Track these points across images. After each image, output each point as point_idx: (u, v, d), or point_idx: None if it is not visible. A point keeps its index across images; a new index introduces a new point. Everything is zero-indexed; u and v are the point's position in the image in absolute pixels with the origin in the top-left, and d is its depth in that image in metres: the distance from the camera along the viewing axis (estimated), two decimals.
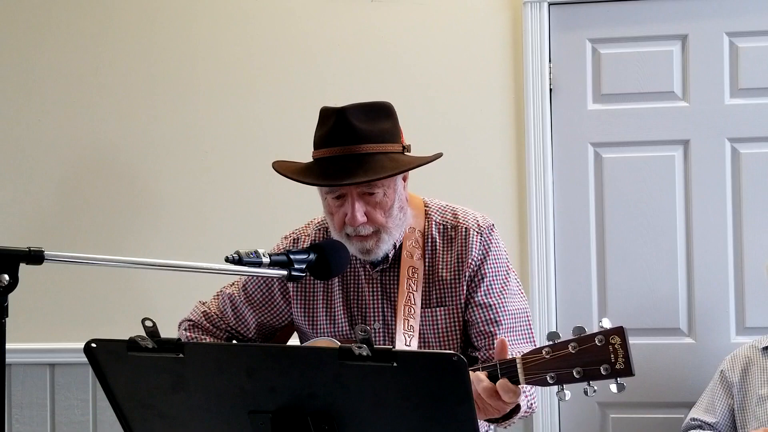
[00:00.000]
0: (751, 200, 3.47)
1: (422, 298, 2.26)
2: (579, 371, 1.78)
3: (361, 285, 2.31)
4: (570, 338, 1.80)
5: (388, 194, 2.20)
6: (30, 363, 3.70)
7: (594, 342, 1.77)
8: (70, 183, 3.75)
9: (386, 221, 2.21)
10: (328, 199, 2.24)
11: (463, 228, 2.28)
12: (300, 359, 1.65)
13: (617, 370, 1.76)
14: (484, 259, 2.27)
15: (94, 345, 1.71)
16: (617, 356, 1.76)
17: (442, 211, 2.33)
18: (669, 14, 3.50)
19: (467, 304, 2.27)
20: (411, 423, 1.60)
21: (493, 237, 2.30)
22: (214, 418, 1.71)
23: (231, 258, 1.88)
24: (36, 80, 3.77)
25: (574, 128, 3.54)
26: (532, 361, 1.84)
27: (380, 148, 2.18)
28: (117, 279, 3.67)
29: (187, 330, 2.43)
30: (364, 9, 3.61)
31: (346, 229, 2.21)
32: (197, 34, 3.71)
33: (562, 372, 1.79)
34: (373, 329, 2.27)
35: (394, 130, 2.25)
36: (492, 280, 2.27)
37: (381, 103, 2.27)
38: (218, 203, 3.67)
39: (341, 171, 2.15)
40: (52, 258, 1.63)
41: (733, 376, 3.09)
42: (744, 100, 3.47)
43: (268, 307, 2.40)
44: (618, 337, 1.76)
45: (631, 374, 1.76)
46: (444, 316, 2.26)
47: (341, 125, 2.18)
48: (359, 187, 2.17)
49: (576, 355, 1.78)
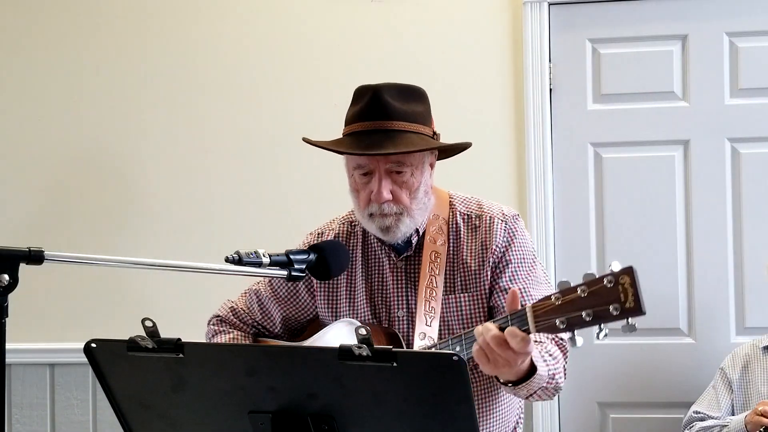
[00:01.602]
0: (751, 200, 3.47)
1: (446, 283, 2.26)
2: (589, 313, 1.75)
3: (384, 274, 2.32)
4: (579, 283, 1.77)
5: (416, 175, 2.22)
6: (30, 363, 3.70)
7: (603, 284, 1.74)
8: (66, 183, 3.74)
9: (410, 203, 2.22)
10: (355, 175, 2.25)
11: (488, 216, 2.30)
12: (300, 359, 1.65)
13: (627, 309, 1.72)
14: (508, 245, 2.27)
15: (94, 345, 1.71)
16: (627, 295, 1.71)
17: (467, 202, 2.35)
18: (669, 14, 3.50)
19: (492, 290, 2.26)
20: (411, 423, 1.60)
21: (518, 225, 2.31)
22: (214, 418, 1.71)
23: (231, 258, 1.88)
24: (32, 80, 3.77)
25: (574, 128, 3.55)
26: (541, 308, 1.81)
27: (411, 127, 2.21)
28: (117, 279, 3.67)
29: (215, 324, 2.45)
30: (364, 9, 3.61)
31: (370, 207, 2.22)
32: (195, 34, 3.70)
33: (572, 316, 1.76)
34: (397, 317, 2.28)
35: (426, 114, 2.27)
36: (517, 267, 2.27)
37: (416, 87, 2.29)
38: (216, 203, 3.67)
39: (371, 144, 2.17)
40: (52, 258, 1.63)
41: (733, 373, 3.10)
42: (744, 100, 3.48)
43: (293, 301, 2.41)
44: (627, 277, 1.72)
45: (642, 313, 1.71)
46: (468, 302, 2.26)
47: (375, 102, 2.20)
48: (387, 163, 2.19)
49: (586, 298, 1.75)
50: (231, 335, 2.42)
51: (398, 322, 2.28)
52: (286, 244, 2.21)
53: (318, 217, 3.32)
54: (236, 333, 2.43)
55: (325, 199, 3.44)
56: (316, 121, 3.61)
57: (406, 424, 1.60)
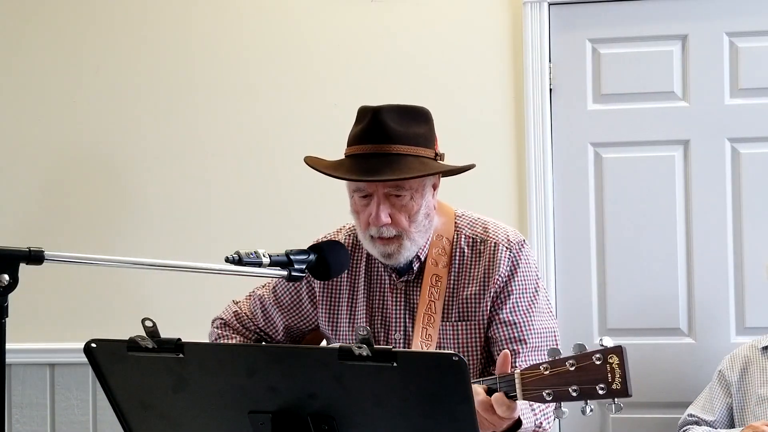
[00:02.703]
0: (751, 200, 3.47)
1: (445, 310, 2.24)
2: (576, 389, 1.77)
3: (385, 294, 2.30)
4: (569, 356, 1.79)
5: (415, 199, 2.19)
6: (30, 363, 3.70)
7: (592, 360, 1.76)
8: (66, 183, 3.74)
9: (409, 226, 2.19)
10: (354, 197, 2.23)
11: (493, 243, 2.25)
12: (300, 359, 1.64)
13: (613, 390, 1.74)
14: (511, 275, 2.23)
15: (94, 345, 1.71)
16: (614, 376, 1.74)
17: (473, 225, 2.31)
18: (669, 14, 3.50)
19: (491, 320, 2.23)
20: (411, 423, 1.60)
21: (523, 253, 2.26)
22: (214, 418, 1.71)
23: (231, 258, 1.88)
24: (31, 80, 3.76)
25: (574, 128, 3.55)
26: (530, 377, 1.82)
27: (412, 150, 2.17)
28: (117, 279, 3.67)
29: (218, 328, 2.45)
30: (364, 9, 3.61)
31: (370, 230, 2.20)
32: (194, 34, 3.70)
33: (559, 389, 1.78)
34: (394, 339, 2.27)
35: (428, 135, 2.23)
36: (519, 298, 2.23)
37: (418, 107, 2.26)
38: (216, 203, 3.67)
39: (369, 168, 2.15)
40: (52, 258, 1.63)
41: (732, 375, 3.09)
42: (744, 100, 3.47)
43: (295, 310, 2.41)
44: (616, 356, 1.74)
45: (628, 395, 1.74)
46: (465, 332, 2.24)
47: (375, 124, 2.17)
48: (386, 187, 2.16)
49: (574, 372, 1.77)
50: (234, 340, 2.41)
51: (395, 344, 2.26)
52: (286, 245, 2.21)
53: (318, 217, 3.34)
54: (239, 339, 2.42)
55: (324, 199, 3.44)
56: (316, 121, 3.61)
57: (406, 424, 1.60)
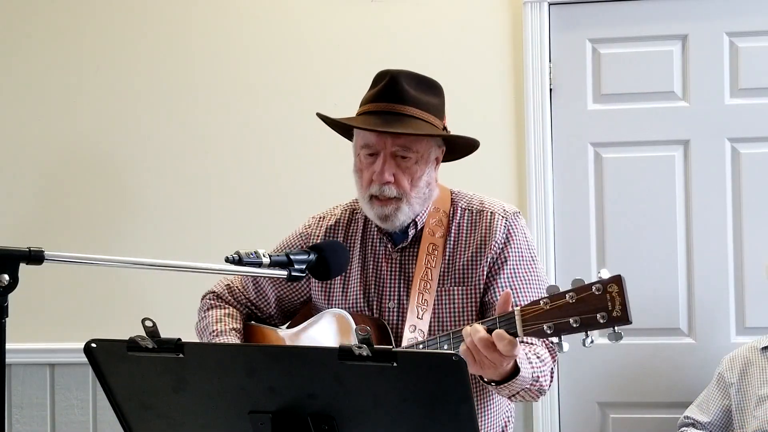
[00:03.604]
0: (751, 200, 3.47)
1: (441, 276, 2.27)
2: (576, 320, 1.78)
3: (380, 263, 2.33)
4: (568, 289, 1.80)
5: (420, 164, 2.24)
6: (30, 363, 3.70)
7: (591, 291, 1.77)
8: (66, 183, 3.74)
9: (411, 190, 2.24)
10: (361, 154, 2.27)
11: (489, 212, 2.31)
12: (300, 359, 1.65)
13: (614, 318, 1.75)
14: (507, 242, 2.28)
15: (94, 345, 1.71)
16: (614, 304, 1.75)
17: (469, 198, 2.37)
18: (669, 14, 3.50)
19: (488, 286, 2.26)
20: (411, 423, 1.60)
21: (518, 222, 2.31)
22: (214, 418, 1.71)
23: (231, 258, 1.88)
24: (30, 80, 3.76)
25: (574, 128, 3.55)
26: (530, 312, 1.84)
27: (423, 115, 2.24)
28: (117, 279, 3.67)
29: (211, 299, 2.48)
30: (364, 9, 3.61)
31: (371, 188, 2.24)
32: (194, 34, 3.70)
33: (559, 321, 1.79)
34: (387, 308, 2.29)
35: (440, 107, 2.29)
36: (515, 264, 2.28)
37: (434, 81, 2.32)
38: (216, 203, 3.67)
39: (382, 123, 2.20)
40: (52, 258, 1.63)
41: (731, 376, 3.09)
42: (744, 100, 3.47)
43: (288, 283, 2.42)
44: (616, 285, 1.75)
45: (628, 322, 1.75)
46: (462, 296, 2.26)
47: (392, 86, 2.23)
48: (394, 146, 2.21)
49: (574, 304, 1.78)
50: (227, 311, 2.44)
51: (389, 312, 2.28)
52: None
53: None
54: (231, 309, 2.44)
55: (325, 199, 3.42)
56: (316, 120, 3.61)
57: (406, 424, 1.61)
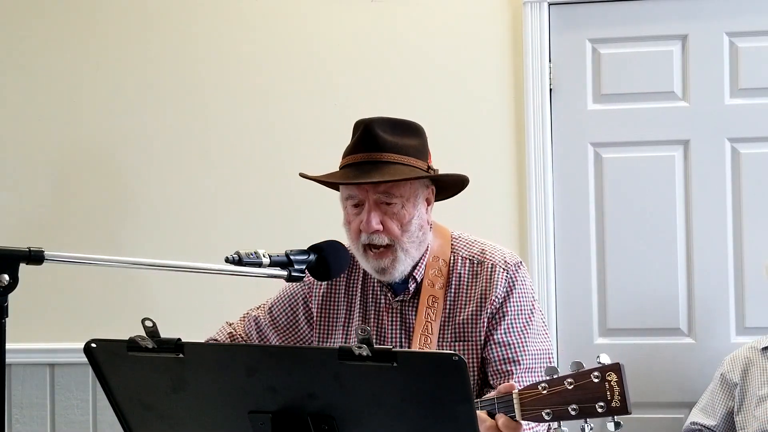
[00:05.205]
0: (751, 200, 3.47)
1: (441, 331, 2.24)
2: (575, 408, 1.77)
3: (381, 313, 2.30)
4: (567, 374, 1.79)
5: (407, 207, 2.21)
6: (30, 363, 3.70)
7: (590, 378, 1.76)
8: (66, 183, 3.74)
9: (402, 235, 2.20)
10: (347, 207, 2.25)
11: (490, 264, 2.26)
12: (300, 359, 1.65)
13: (613, 408, 1.74)
14: (507, 296, 2.24)
15: (94, 345, 1.71)
16: (613, 394, 1.74)
17: (470, 246, 2.32)
18: (669, 14, 3.50)
19: (486, 341, 2.23)
20: (411, 423, 1.60)
21: (519, 274, 2.27)
22: (214, 418, 1.71)
23: (231, 258, 1.88)
24: (32, 81, 3.76)
25: (574, 128, 3.54)
26: (528, 397, 1.82)
27: (402, 159, 2.20)
28: (117, 279, 3.67)
29: None
30: (364, 9, 3.61)
31: (362, 238, 2.21)
32: (195, 34, 3.70)
33: (558, 408, 1.78)
34: None
35: (420, 148, 2.26)
36: (514, 319, 2.24)
37: (411, 122, 2.29)
38: (217, 203, 3.67)
39: (360, 174, 2.18)
40: (52, 258, 1.63)
41: (733, 377, 3.09)
42: (744, 100, 3.47)
43: (291, 331, 2.41)
44: (614, 374, 1.75)
45: (627, 412, 1.74)
46: (462, 351, 2.23)
47: (366, 135, 2.21)
48: (376, 194, 2.18)
49: (572, 391, 1.77)
50: None
51: None
52: (286, 245, 2.21)
53: (317, 217, 3.34)
54: None
55: (325, 199, 3.42)
56: (316, 121, 3.61)
57: (406, 424, 1.60)
